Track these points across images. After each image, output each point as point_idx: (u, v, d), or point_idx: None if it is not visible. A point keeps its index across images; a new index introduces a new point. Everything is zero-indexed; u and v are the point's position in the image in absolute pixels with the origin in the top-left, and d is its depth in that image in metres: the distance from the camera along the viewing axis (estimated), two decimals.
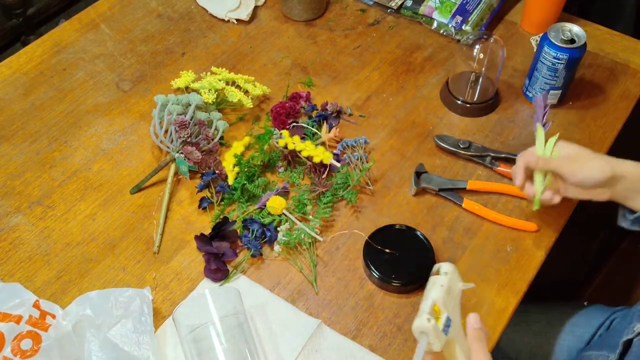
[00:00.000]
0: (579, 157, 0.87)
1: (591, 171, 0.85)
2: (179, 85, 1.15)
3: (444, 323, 0.70)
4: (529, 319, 1.12)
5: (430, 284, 0.74)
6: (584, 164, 0.86)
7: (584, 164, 0.86)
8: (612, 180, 0.85)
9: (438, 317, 0.70)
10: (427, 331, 0.68)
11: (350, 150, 1.07)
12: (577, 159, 0.87)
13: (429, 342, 0.68)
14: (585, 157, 0.87)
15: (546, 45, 1.08)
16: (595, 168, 0.85)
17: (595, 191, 0.87)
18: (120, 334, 0.83)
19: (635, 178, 0.85)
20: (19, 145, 1.10)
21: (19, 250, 0.97)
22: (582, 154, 0.87)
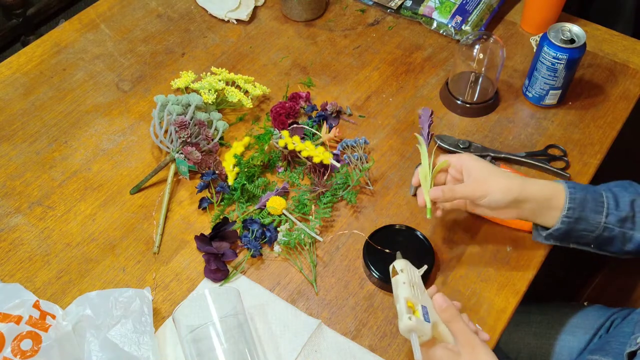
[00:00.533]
0: (485, 180, 0.86)
1: (495, 195, 0.86)
2: (178, 85, 1.15)
3: (422, 313, 0.76)
4: (529, 319, 1.12)
5: (395, 285, 0.80)
6: (488, 187, 0.86)
7: (488, 187, 0.86)
8: (517, 201, 0.86)
9: (415, 311, 0.76)
10: (413, 328, 0.73)
11: (350, 150, 1.07)
12: (483, 181, 0.86)
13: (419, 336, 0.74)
14: (491, 179, 0.86)
15: (546, 45, 1.08)
16: (499, 192, 0.85)
17: (502, 211, 0.88)
18: (120, 334, 0.83)
19: (540, 199, 0.87)
20: (19, 146, 1.10)
21: (19, 251, 0.97)
22: (488, 176, 0.87)
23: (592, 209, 0.86)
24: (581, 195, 0.86)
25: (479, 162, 0.88)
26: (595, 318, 1.09)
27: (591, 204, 0.86)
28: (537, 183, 0.88)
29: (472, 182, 0.87)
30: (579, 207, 0.86)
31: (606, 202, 0.87)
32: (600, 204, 0.87)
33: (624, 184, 0.91)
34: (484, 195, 0.86)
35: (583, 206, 0.86)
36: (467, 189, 0.87)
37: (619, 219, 0.87)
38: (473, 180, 0.87)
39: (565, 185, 0.87)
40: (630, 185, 0.90)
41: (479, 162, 0.88)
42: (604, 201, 0.87)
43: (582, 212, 0.86)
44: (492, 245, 0.98)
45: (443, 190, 0.87)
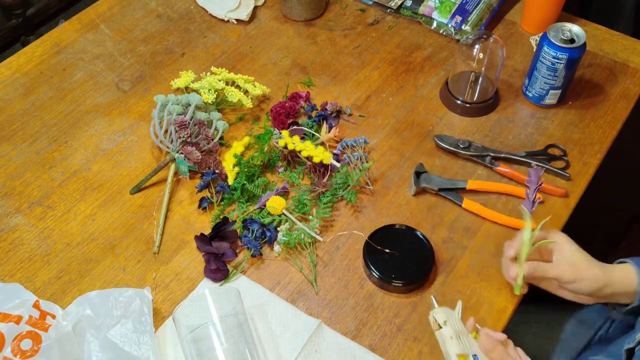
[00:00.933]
0: (577, 266, 0.87)
1: (585, 282, 0.87)
2: (178, 85, 1.15)
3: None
4: (529, 319, 1.12)
5: (441, 340, 0.78)
6: (580, 275, 0.86)
7: (581, 274, 0.86)
8: (602, 288, 0.87)
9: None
10: None
11: (350, 150, 1.07)
12: (575, 267, 0.87)
13: None
14: (584, 266, 0.87)
15: (546, 45, 1.08)
16: (589, 280, 0.86)
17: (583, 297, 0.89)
18: (120, 334, 0.83)
19: (621, 284, 0.87)
20: (19, 146, 1.10)
21: (19, 251, 0.97)
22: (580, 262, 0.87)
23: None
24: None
25: (572, 245, 0.88)
26: (595, 318, 1.09)
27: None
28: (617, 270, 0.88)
29: (564, 264, 0.87)
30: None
31: None
32: None
33: None
34: (573, 280, 0.87)
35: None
36: (559, 271, 0.87)
37: None
38: (565, 263, 0.87)
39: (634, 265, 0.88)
40: None
41: (572, 244, 0.88)
42: None
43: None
44: (492, 245, 0.98)
45: (536, 269, 0.87)
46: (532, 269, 0.87)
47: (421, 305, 0.92)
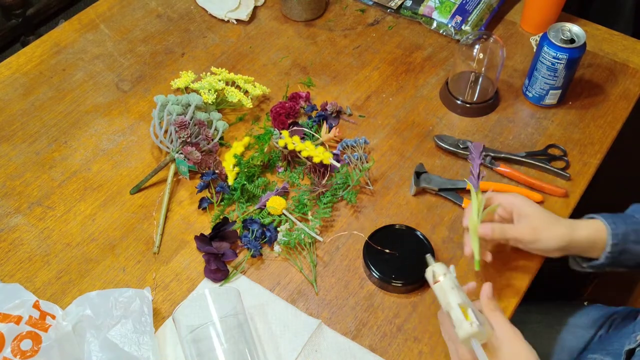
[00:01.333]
0: (538, 227, 0.86)
1: (549, 242, 0.86)
2: (178, 85, 1.15)
3: (474, 317, 0.72)
4: (529, 319, 1.12)
5: (441, 292, 0.77)
6: (541, 236, 0.86)
7: (541, 235, 0.86)
8: (565, 248, 0.88)
9: (467, 315, 0.72)
10: (476, 334, 0.71)
11: (350, 150, 1.07)
12: (536, 229, 0.86)
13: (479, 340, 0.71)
14: (544, 227, 0.86)
15: (546, 45, 1.08)
16: (554, 239, 0.86)
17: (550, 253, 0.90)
18: (120, 334, 0.83)
19: (589, 240, 0.87)
20: (19, 146, 1.10)
21: (19, 251, 0.97)
22: (541, 223, 0.87)
23: (633, 240, 0.87)
24: (622, 229, 0.87)
25: (531, 207, 0.87)
26: (595, 317, 1.09)
27: (633, 236, 0.87)
28: (584, 226, 0.87)
29: (524, 226, 0.87)
30: (622, 241, 0.86)
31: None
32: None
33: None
34: (535, 241, 0.87)
35: (625, 239, 0.87)
36: (519, 232, 0.87)
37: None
38: (526, 225, 0.87)
39: (605, 222, 0.87)
40: None
41: (531, 206, 0.88)
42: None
43: (625, 245, 0.87)
44: (492, 246, 0.97)
45: (493, 229, 0.87)
46: (490, 230, 0.86)
47: (421, 305, 0.92)
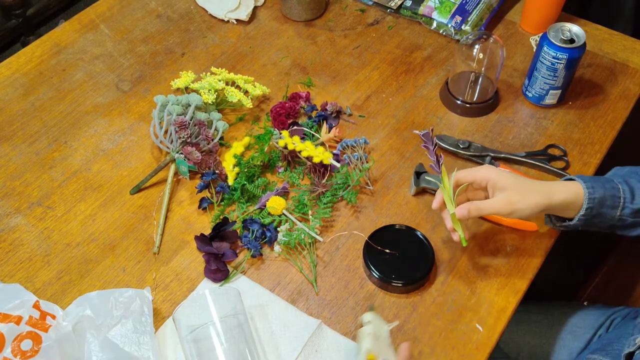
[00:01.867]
0: (513, 198, 0.86)
1: (526, 211, 0.86)
2: (178, 85, 1.15)
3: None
4: (529, 319, 1.12)
5: (360, 337, 0.80)
6: (517, 206, 0.86)
7: (517, 205, 0.86)
8: (543, 212, 0.88)
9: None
10: None
11: (350, 150, 1.07)
12: (511, 200, 0.86)
13: None
14: (520, 197, 0.86)
15: (546, 45, 1.08)
16: (530, 208, 0.86)
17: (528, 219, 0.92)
18: (121, 334, 0.83)
19: (566, 204, 0.88)
20: (19, 146, 1.10)
21: (19, 251, 0.97)
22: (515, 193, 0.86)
23: (609, 205, 0.88)
24: (600, 194, 0.87)
25: (505, 179, 0.87)
26: (595, 317, 1.09)
27: (609, 200, 0.88)
28: (560, 191, 0.88)
29: (500, 200, 0.87)
30: (597, 205, 0.87)
31: (622, 197, 0.88)
32: (617, 199, 0.88)
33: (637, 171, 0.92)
34: (512, 212, 0.87)
35: (601, 204, 0.87)
36: (494, 207, 0.87)
37: (633, 211, 0.88)
38: (501, 200, 0.86)
39: (584, 185, 0.88)
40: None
41: (505, 178, 0.87)
42: (620, 196, 0.88)
43: (600, 209, 0.88)
44: (492, 245, 0.98)
45: (469, 210, 0.87)
46: (467, 211, 0.86)
47: (421, 306, 0.92)
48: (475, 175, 0.88)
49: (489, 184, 0.88)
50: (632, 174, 0.92)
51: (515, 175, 0.88)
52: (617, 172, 0.95)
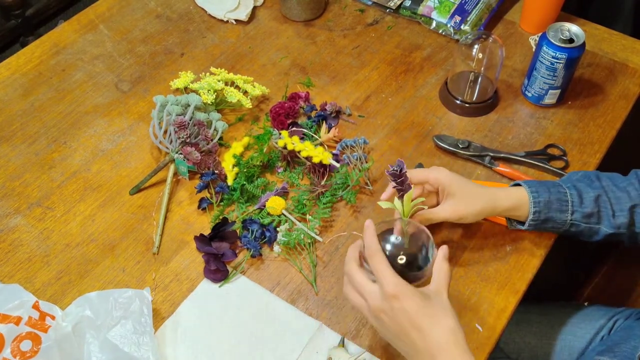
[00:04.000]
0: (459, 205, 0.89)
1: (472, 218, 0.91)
2: (178, 85, 1.15)
3: None
4: (529, 319, 1.12)
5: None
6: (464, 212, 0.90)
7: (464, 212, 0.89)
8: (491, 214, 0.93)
9: None
10: None
11: (350, 150, 1.07)
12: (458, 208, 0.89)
13: None
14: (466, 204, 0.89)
15: (545, 45, 1.08)
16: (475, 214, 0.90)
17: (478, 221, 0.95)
18: (120, 334, 0.83)
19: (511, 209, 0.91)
20: (18, 146, 1.10)
21: (19, 252, 0.97)
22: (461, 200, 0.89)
23: (557, 209, 0.90)
24: (545, 197, 0.90)
25: (453, 184, 0.90)
26: (596, 318, 1.09)
27: (556, 204, 0.90)
28: (505, 198, 0.91)
29: (447, 208, 0.90)
30: (545, 209, 0.90)
31: (570, 200, 0.90)
32: (564, 203, 0.90)
33: (590, 176, 0.94)
34: (459, 219, 0.91)
35: (548, 208, 0.90)
36: (443, 214, 0.90)
37: (583, 215, 0.90)
38: (448, 207, 0.90)
39: (529, 190, 0.90)
40: (596, 179, 0.93)
41: (453, 183, 0.90)
42: (568, 200, 0.90)
43: (548, 213, 0.90)
44: (492, 245, 0.98)
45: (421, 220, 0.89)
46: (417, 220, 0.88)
47: None
48: (428, 176, 0.91)
49: (440, 188, 0.91)
50: (583, 178, 0.94)
51: (464, 181, 0.91)
52: (569, 176, 0.97)
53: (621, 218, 0.90)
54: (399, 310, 0.70)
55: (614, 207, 0.91)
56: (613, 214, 0.91)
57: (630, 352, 0.90)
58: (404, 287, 0.71)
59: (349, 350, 0.86)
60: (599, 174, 0.94)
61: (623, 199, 0.91)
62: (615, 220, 0.91)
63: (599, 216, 0.91)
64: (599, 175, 0.94)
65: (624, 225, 0.91)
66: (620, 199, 0.91)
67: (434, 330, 0.70)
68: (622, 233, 0.91)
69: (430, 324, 0.70)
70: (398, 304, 0.70)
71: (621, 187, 0.92)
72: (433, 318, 0.70)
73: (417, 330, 0.70)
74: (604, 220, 0.91)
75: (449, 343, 0.69)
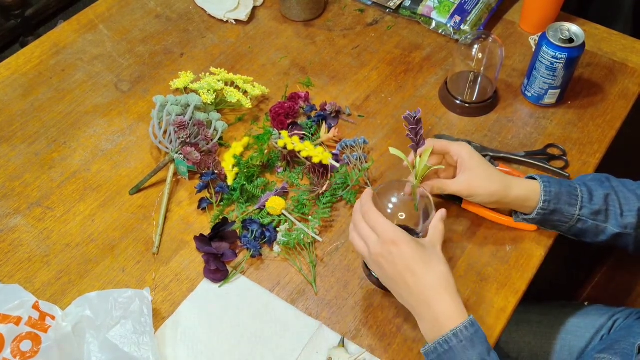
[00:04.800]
0: (473, 182, 0.91)
1: (483, 197, 0.92)
2: (177, 85, 1.15)
3: None
4: (529, 319, 1.12)
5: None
6: (476, 190, 0.92)
7: (476, 190, 0.92)
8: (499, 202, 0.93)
9: None
10: None
11: (349, 150, 1.07)
12: (471, 184, 0.91)
13: None
14: (479, 183, 0.91)
15: (545, 45, 1.08)
16: (487, 195, 0.91)
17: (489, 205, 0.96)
18: (120, 335, 0.83)
19: (522, 199, 0.92)
20: (18, 147, 1.10)
21: (19, 252, 0.97)
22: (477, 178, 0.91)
23: (566, 201, 0.91)
24: (556, 189, 0.91)
25: (473, 161, 0.92)
26: (596, 317, 1.09)
27: (566, 197, 0.91)
28: (518, 186, 0.92)
29: (462, 181, 0.92)
30: (554, 199, 0.90)
31: (580, 196, 0.91)
32: (574, 197, 0.91)
33: (601, 178, 0.95)
34: (471, 195, 0.93)
35: (558, 199, 0.91)
36: (455, 187, 0.92)
37: (592, 212, 0.91)
38: (464, 181, 0.92)
39: (541, 181, 0.92)
40: (606, 180, 0.94)
41: (473, 159, 0.92)
42: (578, 195, 0.91)
43: (557, 204, 0.91)
44: (491, 245, 0.98)
45: (432, 188, 0.92)
46: (429, 187, 0.92)
47: None
48: (450, 148, 0.93)
49: (459, 161, 0.92)
50: (594, 179, 0.95)
51: (483, 160, 0.93)
52: (580, 177, 0.98)
53: (629, 218, 0.91)
54: (397, 255, 0.77)
55: (623, 206, 0.91)
56: (621, 212, 0.91)
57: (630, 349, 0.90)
58: (401, 234, 0.78)
59: (348, 350, 0.86)
60: (609, 177, 0.95)
61: (632, 200, 0.91)
62: (623, 219, 0.91)
63: (606, 214, 0.91)
64: (610, 178, 0.95)
65: (632, 225, 0.91)
66: (629, 199, 0.91)
67: (427, 275, 0.77)
68: (629, 234, 0.91)
69: (425, 269, 0.77)
70: (396, 248, 0.77)
71: (631, 189, 0.92)
72: (427, 264, 0.77)
73: (411, 274, 0.77)
74: (612, 218, 0.91)
75: (440, 287, 0.77)
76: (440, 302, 0.76)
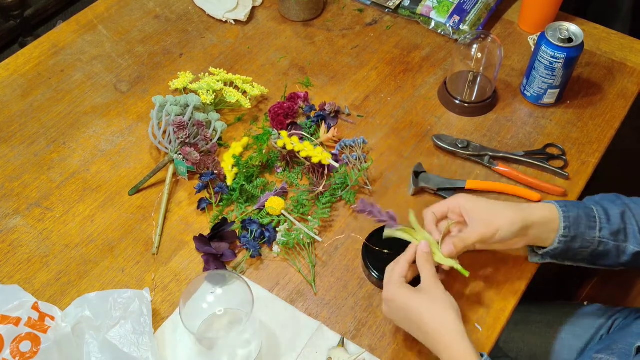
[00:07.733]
0: (489, 219, 0.86)
1: (506, 228, 0.85)
2: (177, 86, 1.15)
3: None
4: (529, 319, 1.12)
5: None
6: (496, 226, 0.85)
7: (496, 225, 0.85)
8: (524, 229, 0.86)
9: None
10: None
11: (349, 150, 1.07)
12: (488, 221, 0.86)
13: None
14: (495, 216, 0.86)
15: (544, 45, 1.08)
16: (507, 225, 0.85)
17: (511, 242, 0.88)
18: (120, 335, 0.83)
19: (542, 223, 0.87)
20: (17, 147, 1.10)
21: (18, 252, 0.97)
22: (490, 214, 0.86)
23: (586, 225, 0.87)
24: (574, 213, 0.87)
25: (476, 203, 0.88)
26: (595, 317, 1.09)
27: (585, 220, 0.87)
28: (534, 207, 0.88)
29: (478, 224, 0.86)
30: (574, 225, 0.86)
31: (598, 217, 0.87)
32: (592, 219, 0.87)
33: (611, 197, 0.92)
34: (494, 234, 0.86)
35: (578, 223, 0.87)
36: (476, 233, 0.86)
37: (611, 232, 0.87)
38: (478, 223, 0.86)
39: (557, 205, 0.88)
40: (617, 199, 0.91)
41: (476, 202, 0.88)
42: (595, 216, 0.87)
43: (578, 229, 0.87)
44: None
45: (455, 245, 0.86)
46: (453, 246, 0.86)
47: None
48: (447, 205, 0.89)
49: (464, 212, 0.88)
50: (604, 199, 0.91)
51: (484, 199, 0.88)
52: (588, 199, 0.94)
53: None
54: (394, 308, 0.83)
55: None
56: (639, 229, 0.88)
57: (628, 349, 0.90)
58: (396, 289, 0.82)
59: (348, 350, 0.86)
60: (618, 195, 0.92)
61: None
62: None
63: (625, 233, 0.87)
64: (619, 196, 0.92)
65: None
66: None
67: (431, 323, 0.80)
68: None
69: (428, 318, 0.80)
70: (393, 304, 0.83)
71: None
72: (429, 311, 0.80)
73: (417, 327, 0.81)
74: (631, 237, 0.88)
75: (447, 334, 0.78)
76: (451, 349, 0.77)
